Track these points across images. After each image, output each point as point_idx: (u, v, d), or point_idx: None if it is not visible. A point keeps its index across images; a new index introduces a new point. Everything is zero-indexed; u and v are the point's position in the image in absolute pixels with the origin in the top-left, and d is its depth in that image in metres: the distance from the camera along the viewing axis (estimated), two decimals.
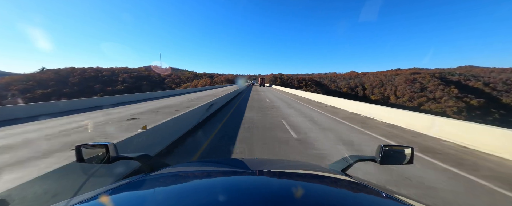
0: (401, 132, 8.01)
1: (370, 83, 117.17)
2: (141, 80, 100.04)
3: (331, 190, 0.88)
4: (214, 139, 6.34)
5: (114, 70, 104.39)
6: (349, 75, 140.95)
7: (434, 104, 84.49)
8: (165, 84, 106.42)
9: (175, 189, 0.85)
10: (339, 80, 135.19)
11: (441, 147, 6.03)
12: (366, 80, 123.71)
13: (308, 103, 18.66)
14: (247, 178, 0.97)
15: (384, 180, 3.87)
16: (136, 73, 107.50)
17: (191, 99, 20.39)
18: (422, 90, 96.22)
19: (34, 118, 9.72)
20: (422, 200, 0.83)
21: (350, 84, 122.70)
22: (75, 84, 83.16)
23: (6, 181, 3.58)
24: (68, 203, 0.68)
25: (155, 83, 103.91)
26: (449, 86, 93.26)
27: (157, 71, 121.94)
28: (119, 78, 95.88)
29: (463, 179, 4.04)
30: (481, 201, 3.28)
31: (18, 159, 4.67)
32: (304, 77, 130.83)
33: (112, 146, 1.15)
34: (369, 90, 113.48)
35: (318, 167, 1.35)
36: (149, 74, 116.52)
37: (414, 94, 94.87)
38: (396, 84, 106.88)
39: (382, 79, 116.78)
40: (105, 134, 7.01)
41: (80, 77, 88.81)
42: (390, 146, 1.22)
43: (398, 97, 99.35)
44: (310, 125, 8.74)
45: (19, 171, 4.02)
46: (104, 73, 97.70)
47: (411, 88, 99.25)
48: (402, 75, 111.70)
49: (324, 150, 5.51)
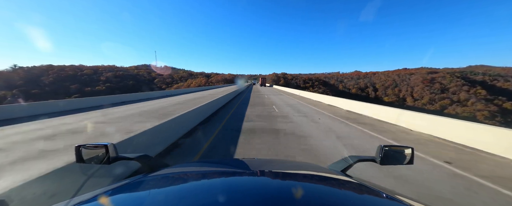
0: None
1: (382, 83, 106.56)
2: (127, 80, 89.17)
3: (331, 190, 0.88)
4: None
5: (97, 69, 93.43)
6: (356, 74, 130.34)
7: (460, 107, 73.85)
8: (155, 84, 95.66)
9: (175, 190, 0.84)
10: (347, 80, 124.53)
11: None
12: (377, 80, 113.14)
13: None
14: (247, 179, 0.96)
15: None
16: (122, 71, 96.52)
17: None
18: (443, 91, 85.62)
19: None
20: (422, 200, 0.82)
21: (359, 84, 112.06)
22: (48, 84, 72.23)
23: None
24: (68, 203, 0.68)
25: (144, 83, 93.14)
26: (474, 87, 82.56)
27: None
28: (101, 77, 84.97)
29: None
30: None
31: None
32: (310, 76, 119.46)
33: (112, 147, 1.13)
34: (381, 91, 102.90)
35: (318, 167, 1.32)
36: (138, 73, 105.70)
37: (435, 95, 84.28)
38: (412, 85, 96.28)
39: (395, 78, 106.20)
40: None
41: (55, 76, 77.90)
42: (390, 146, 1.19)
43: (415, 99, 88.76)
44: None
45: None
46: (85, 71, 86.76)
47: (430, 89, 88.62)
48: (418, 75, 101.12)
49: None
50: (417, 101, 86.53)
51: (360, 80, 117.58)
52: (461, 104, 75.40)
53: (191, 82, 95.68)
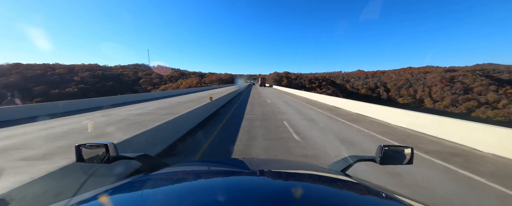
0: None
1: (394, 83, 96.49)
2: (107, 80, 77.74)
3: (331, 190, 0.87)
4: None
5: (73, 68, 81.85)
6: (363, 74, 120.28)
7: (491, 110, 63.79)
8: (140, 85, 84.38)
9: (175, 189, 0.83)
10: (354, 79, 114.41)
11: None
12: (387, 79, 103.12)
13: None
14: (247, 178, 0.96)
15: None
16: (102, 71, 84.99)
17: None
18: (466, 92, 75.58)
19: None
20: (422, 200, 0.82)
21: (369, 84, 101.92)
22: (6, 86, 60.67)
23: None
24: (68, 203, 0.68)
25: (127, 83, 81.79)
26: (502, 86, 72.58)
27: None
28: (75, 77, 73.48)
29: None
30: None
31: None
32: (315, 76, 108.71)
33: (112, 146, 1.13)
34: (393, 91, 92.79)
35: (318, 167, 1.32)
36: (122, 72, 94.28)
37: (457, 96, 74.19)
38: (429, 84, 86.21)
39: (408, 78, 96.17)
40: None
41: (19, 75, 66.34)
42: (390, 146, 1.19)
43: (435, 100, 78.69)
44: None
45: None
46: (57, 71, 75.19)
47: (451, 89, 78.55)
48: (434, 73, 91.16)
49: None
50: (437, 103, 76.53)
51: (369, 79, 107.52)
52: (490, 106, 65.55)
53: (182, 83, 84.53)
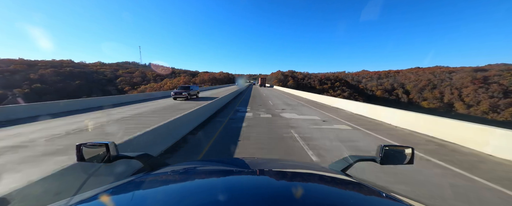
0: None
1: (414, 84, 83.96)
2: (74, 79, 63.82)
3: (331, 190, 0.87)
4: None
5: (35, 64, 67.82)
6: (376, 73, 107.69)
7: None
8: (116, 85, 70.57)
9: (175, 189, 0.83)
10: (365, 80, 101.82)
11: None
12: (404, 80, 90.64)
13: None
14: (247, 178, 0.96)
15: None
16: (71, 68, 70.95)
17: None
18: (506, 95, 63.14)
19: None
20: (422, 200, 0.82)
21: (384, 85, 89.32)
22: None
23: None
24: (69, 202, 0.68)
25: (100, 83, 67.89)
26: None
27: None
28: (32, 75, 59.43)
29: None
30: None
31: None
32: (326, 75, 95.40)
33: (113, 145, 1.12)
34: (414, 93, 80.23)
35: (318, 167, 1.32)
36: (98, 70, 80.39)
37: (497, 100, 61.72)
38: (458, 86, 73.68)
39: (430, 78, 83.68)
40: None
41: None
42: (390, 146, 1.19)
43: (469, 104, 66.16)
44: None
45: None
46: (12, 67, 61.17)
47: (487, 91, 66.05)
48: (462, 73, 78.72)
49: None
50: (473, 108, 64.15)
51: (384, 80, 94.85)
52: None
53: (166, 83, 70.88)
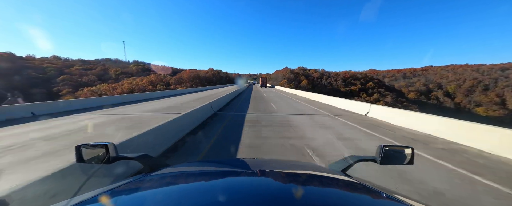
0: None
1: (457, 85, 65.79)
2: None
3: (331, 190, 0.87)
4: None
5: None
6: (400, 71, 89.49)
7: None
8: (53, 85, 49.56)
9: (175, 189, 0.83)
10: (388, 79, 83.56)
11: None
12: (439, 79, 72.59)
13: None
14: (247, 179, 0.96)
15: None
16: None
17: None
18: None
19: None
20: (422, 200, 0.81)
21: (416, 85, 70.96)
22: None
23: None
24: (68, 203, 0.67)
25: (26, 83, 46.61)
26: None
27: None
28: None
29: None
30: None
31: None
32: (352, 73, 75.19)
33: (112, 146, 1.12)
34: (460, 96, 62.03)
35: (318, 167, 1.31)
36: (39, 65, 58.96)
37: None
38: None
39: (477, 76, 65.66)
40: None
41: None
42: (390, 146, 1.18)
43: None
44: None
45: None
46: None
47: None
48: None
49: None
50: None
51: (413, 79, 76.44)
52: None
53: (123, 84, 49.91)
